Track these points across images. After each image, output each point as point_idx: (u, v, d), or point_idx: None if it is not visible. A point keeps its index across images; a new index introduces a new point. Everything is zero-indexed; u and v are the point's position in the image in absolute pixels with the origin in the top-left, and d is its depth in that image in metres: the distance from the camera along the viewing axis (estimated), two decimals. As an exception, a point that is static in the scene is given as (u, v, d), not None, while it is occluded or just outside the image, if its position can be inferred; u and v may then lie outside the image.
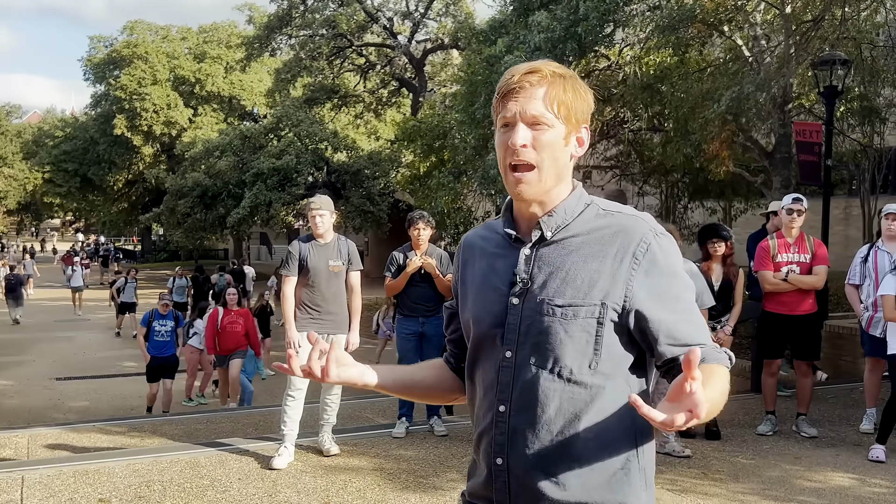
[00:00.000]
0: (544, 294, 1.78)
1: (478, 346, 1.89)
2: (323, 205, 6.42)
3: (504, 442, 1.80)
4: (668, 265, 1.78)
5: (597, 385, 1.76)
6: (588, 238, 1.80)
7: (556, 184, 1.81)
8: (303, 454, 6.34)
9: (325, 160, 30.85)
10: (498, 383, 1.82)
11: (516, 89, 1.78)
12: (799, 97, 15.07)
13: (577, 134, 1.84)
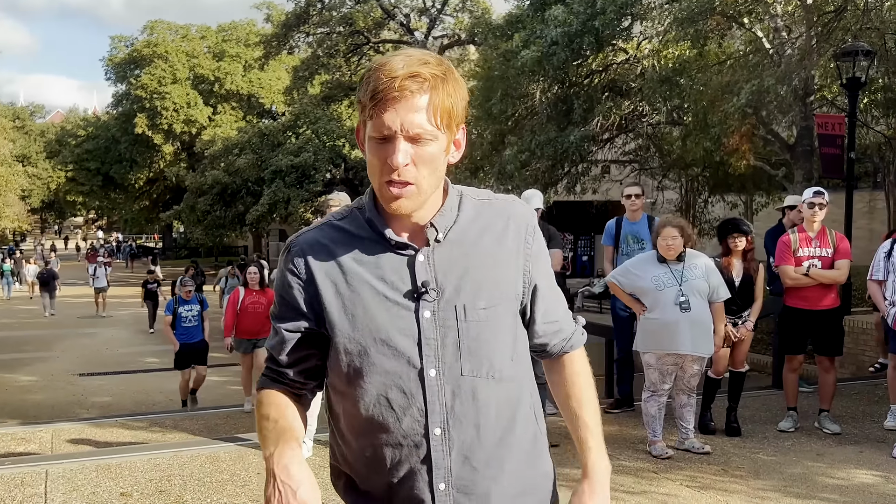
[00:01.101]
0: (462, 299, 1.67)
1: (379, 370, 1.67)
2: (341, 201, 6.41)
3: (448, 465, 1.67)
4: (544, 246, 1.82)
5: (518, 376, 1.76)
6: (481, 232, 1.73)
7: (433, 192, 1.68)
8: (321, 449, 6.33)
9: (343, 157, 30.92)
10: (427, 405, 1.66)
11: (396, 97, 1.57)
12: (821, 89, 14.93)
13: (455, 137, 1.69)
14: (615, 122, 16.62)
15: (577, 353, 1.90)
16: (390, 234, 1.68)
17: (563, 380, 1.89)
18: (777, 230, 8.63)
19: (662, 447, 6.23)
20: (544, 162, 16.41)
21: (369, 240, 1.70)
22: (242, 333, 9.24)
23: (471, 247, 1.71)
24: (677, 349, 6.09)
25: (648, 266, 6.25)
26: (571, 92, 16.94)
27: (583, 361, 1.90)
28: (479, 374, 1.68)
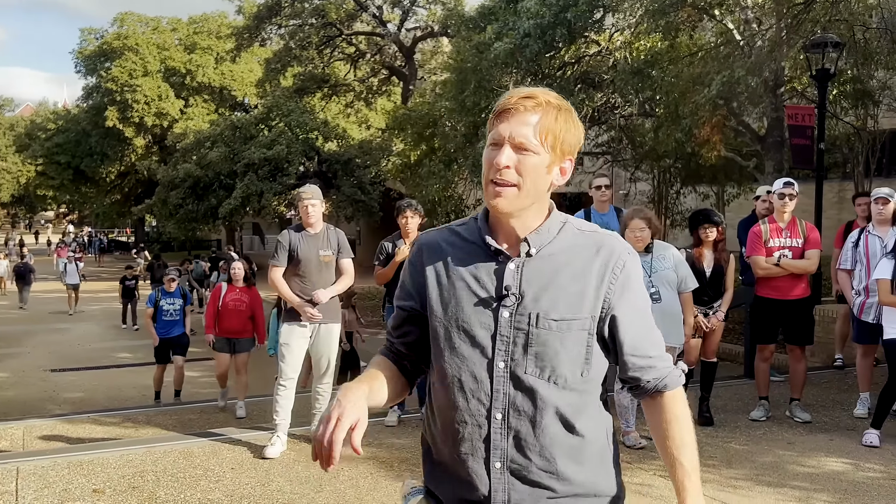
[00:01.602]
0: (538, 308, 1.87)
1: (461, 355, 1.92)
2: (314, 194, 6.39)
3: (504, 447, 1.89)
4: (637, 282, 1.95)
5: (587, 391, 1.93)
6: (572, 255, 1.92)
7: (532, 204, 1.91)
8: (295, 443, 6.33)
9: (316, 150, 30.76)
10: (493, 392, 1.89)
11: (511, 111, 1.87)
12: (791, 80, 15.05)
13: (560, 164, 1.92)
14: (588, 114, 16.66)
15: (674, 394, 1.99)
16: (490, 242, 1.93)
17: (661, 422, 1.99)
18: (750, 220, 8.70)
19: (636, 437, 6.27)
20: (519, 154, 16.40)
21: (475, 245, 1.97)
22: (222, 332, 8.68)
23: (558, 266, 1.91)
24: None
25: None
26: (544, 84, 16.92)
27: (682, 405, 1.99)
28: (542, 376, 1.88)
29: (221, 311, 8.66)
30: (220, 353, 8.71)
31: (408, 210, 6.98)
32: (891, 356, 6.40)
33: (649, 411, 2.02)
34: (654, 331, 1.99)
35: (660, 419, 1.99)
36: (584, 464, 1.93)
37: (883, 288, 6.30)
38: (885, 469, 5.70)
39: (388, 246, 7.04)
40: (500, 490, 1.90)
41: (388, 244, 7.05)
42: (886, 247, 6.81)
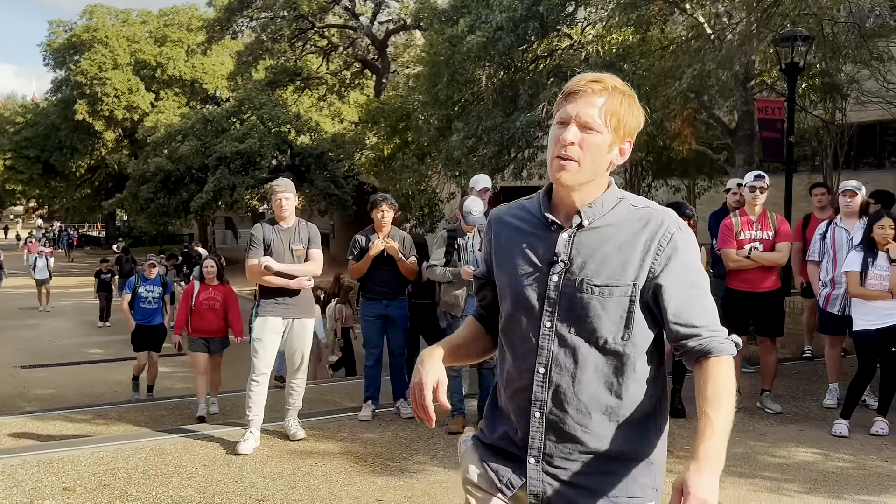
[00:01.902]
0: (583, 274, 2.04)
1: (515, 314, 2.14)
2: (288, 188, 6.35)
3: (544, 399, 2.07)
4: (686, 255, 2.06)
5: (628, 354, 2.05)
6: (621, 227, 2.07)
7: (592, 180, 2.07)
8: (269, 439, 6.30)
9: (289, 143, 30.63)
10: (538, 348, 2.08)
11: (579, 93, 2.03)
12: (761, 74, 15.16)
13: (620, 145, 2.08)
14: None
15: (718, 360, 2.03)
16: (548, 215, 2.13)
17: (701, 381, 2.03)
18: (722, 213, 8.77)
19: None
20: (491, 147, 16.43)
21: (536, 217, 2.16)
22: (195, 332, 8.27)
23: (607, 237, 2.06)
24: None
25: None
26: (517, 77, 16.97)
27: (723, 370, 2.02)
28: (583, 336, 2.04)
29: (195, 310, 8.30)
30: (197, 353, 8.25)
31: (382, 204, 6.97)
32: (859, 347, 6.49)
33: (696, 377, 2.06)
34: (701, 301, 2.07)
35: (699, 381, 2.03)
36: (621, 425, 2.06)
37: (852, 280, 6.38)
38: (855, 458, 5.77)
39: (361, 240, 7.02)
40: (536, 437, 2.09)
41: (361, 238, 7.03)
42: (853, 239, 6.89)
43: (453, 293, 6.55)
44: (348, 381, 9.90)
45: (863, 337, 6.40)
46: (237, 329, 8.40)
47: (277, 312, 6.23)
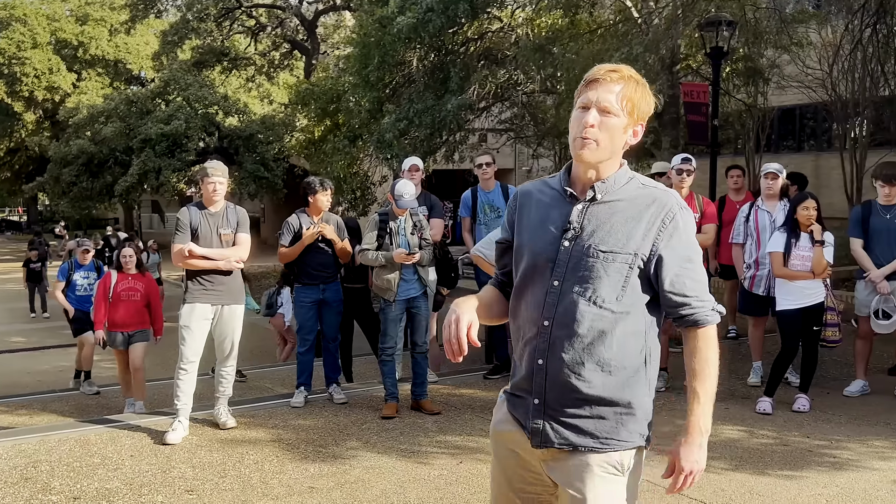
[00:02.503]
0: (591, 241, 2.32)
1: (529, 274, 2.41)
2: (222, 172, 6.21)
3: (546, 348, 2.34)
4: (685, 233, 2.35)
5: (620, 312, 2.31)
6: (629, 203, 2.34)
7: (609, 158, 2.34)
8: (198, 428, 6.20)
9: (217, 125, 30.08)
10: (545, 304, 2.35)
11: (599, 81, 2.31)
12: (686, 58, 15.41)
13: (634, 127, 2.36)
14: (491, 91, 16.74)
15: (703, 331, 2.37)
16: (566, 188, 2.40)
17: (686, 351, 2.39)
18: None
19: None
20: (423, 130, 16.38)
21: (556, 191, 2.44)
22: (115, 326, 7.71)
23: (616, 210, 2.34)
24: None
25: None
26: (448, 60, 16.93)
27: (708, 342, 2.37)
28: (584, 295, 2.31)
29: (113, 302, 7.69)
30: (118, 349, 7.79)
31: (319, 188, 6.88)
32: (782, 326, 6.66)
33: (685, 345, 2.41)
34: (693, 274, 2.35)
35: (687, 351, 2.39)
36: (612, 375, 2.31)
37: (776, 261, 6.54)
38: (778, 435, 5.94)
39: (294, 224, 6.92)
40: (538, 382, 2.36)
41: (293, 221, 6.93)
42: (775, 221, 7.05)
43: (385, 277, 6.51)
44: (280, 368, 9.80)
45: (786, 316, 6.56)
46: (157, 326, 7.83)
47: (206, 299, 6.11)
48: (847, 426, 6.18)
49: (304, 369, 7.00)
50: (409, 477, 5.07)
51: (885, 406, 6.72)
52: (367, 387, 7.62)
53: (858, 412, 6.54)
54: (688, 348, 2.38)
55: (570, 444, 2.34)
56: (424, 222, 6.77)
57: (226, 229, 6.17)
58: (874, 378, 7.29)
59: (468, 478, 5.04)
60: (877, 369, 7.59)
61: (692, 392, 2.34)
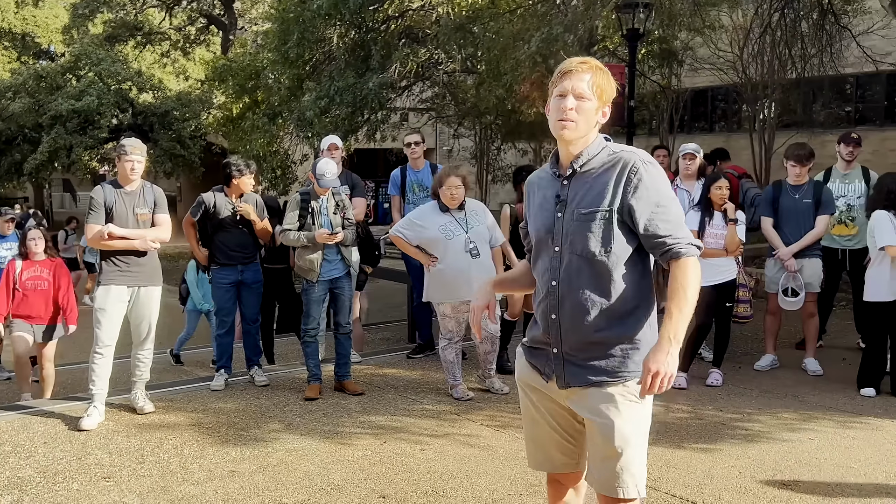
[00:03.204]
0: (574, 206, 2.75)
1: (538, 246, 2.89)
2: (140, 150, 6.03)
3: (556, 304, 2.78)
4: (652, 184, 2.69)
5: (611, 262, 2.71)
6: (600, 168, 2.75)
7: (585, 135, 2.76)
8: (114, 413, 6.07)
9: (130, 101, 29.20)
10: (550, 268, 2.80)
11: (572, 72, 2.73)
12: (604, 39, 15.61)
13: (603, 109, 2.78)
14: (412, 70, 16.67)
15: (681, 261, 2.71)
16: (556, 169, 2.86)
17: (670, 276, 2.72)
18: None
19: (463, 390, 6.42)
20: (344, 109, 16.24)
21: (551, 173, 2.88)
22: (21, 317, 7.24)
23: (592, 176, 2.76)
24: (472, 296, 6.25)
25: (433, 216, 6.35)
26: (369, 38, 16.78)
27: (683, 268, 2.71)
28: (577, 252, 2.74)
29: (19, 292, 7.19)
30: (19, 334, 7.22)
31: (245, 170, 6.75)
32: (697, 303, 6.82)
33: (670, 275, 2.73)
34: (663, 216, 2.70)
35: (669, 279, 2.72)
36: (613, 318, 2.72)
37: (691, 239, 6.69)
38: (693, 409, 6.11)
39: (209, 200, 6.78)
40: (554, 334, 2.80)
41: (209, 198, 6.80)
42: (693, 200, 7.23)
43: (308, 257, 6.45)
44: (198, 350, 9.65)
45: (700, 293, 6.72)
46: (70, 316, 7.33)
47: (122, 280, 5.95)
48: (758, 399, 6.40)
49: (224, 352, 6.90)
50: (333, 458, 5.07)
51: (794, 379, 6.98)
52: (289, 368, 7.57)
53: (768, 385, 6.78)
54: (669, 277, 2.73)
55: (587, 382, 2.75)
56: (347, 202, 6.73)
57: (142, 209, 6.02)
58: (783, 352, 7.55)
59: (392, 457, 5.06)
60: (785, 344, 7.86)
61: (667, 311, 2.68)
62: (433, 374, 7.11)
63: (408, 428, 5.67)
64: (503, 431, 5.58)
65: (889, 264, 6.34)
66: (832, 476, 4.78)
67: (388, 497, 4.46)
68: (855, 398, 6.41)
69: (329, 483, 4.66)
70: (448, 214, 6.31)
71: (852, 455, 5.13)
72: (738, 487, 4.58)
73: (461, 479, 4.70)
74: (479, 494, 4.48)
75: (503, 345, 7.21)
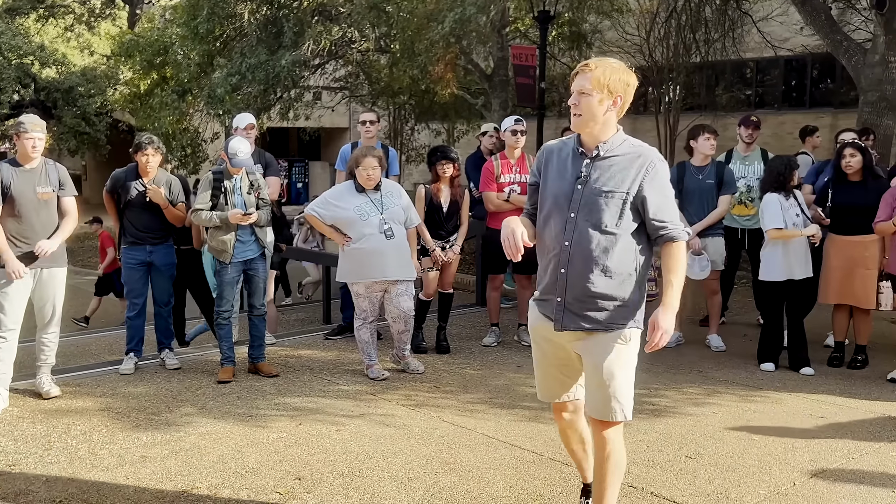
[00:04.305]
0: (597, 184, 3.30)
1: (553, 209, 3.39)
2: (40, 128, 5.83)
3: (567, 260, 3.33)
4: (662, 177, 3.32)
5: (618, 234, 3.30)
6: (623, 158, 3.32)
7: (595, 125, 3.31)
8: (19, 399, 5.90)
9: (32, 76, 28.11)
10: (565, 230, 3.33)
11: (579, 73, 3.30)
12: (515, 21, 15.73)
13: (610, 99, 3.27)
14: (326, 48, 16.48)
15: (676, 244, 3.35)
16: (581, 148, 3.39)
17: (665, 257, 3.36)
18: (476, 157, 9.11)
19: (379, 370, 6.46)
20: (256, 86, 15.99)
21: (573, 149, 3.42)
22: None
23: (615, 163, 3.32)
24: (385, 276, 6.29)
25: (349, 196, 6.35)
26: (281, 14, 16.52)
27: (678, 249, 3.36)
28: (590, 222, 3.29)
29: None
30: None
31: (149, 147, 6.58)
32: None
33: (663, 255, 3.38)
34: (668, 206, 3.34)
35: (665, 257, 3.36)
36: (611, 279, 3.30)
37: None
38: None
39: (121, 176, 6.63)
40: (560, 286, 3.36)
41: (122, 175, 6.64)
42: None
43: (221, 238, 6.35)
44: (108, 334, 9.44)
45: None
46: None
47: (23, 262, 5.76)
48: (664, 375, 6.61)
49: (135, 335, 6.77)
50: (247, 441, 5.05)
51: (698, 355, 7.23)
52: (202, 351, 7.47)
53: (674, 361, 7.00)
54: (666, 255, 3.36)
55: (582, 328, 3.35)
56: (262, 181, 6.65)
57: (45, 187, 5.83)
58: (688, 329, 7.80)
59: (308, 439, 5.07)
60: (689, 321, 8.11)
61: (668, 282, 3.33)
62: (349, 355, 7.12)
63: (323, 409, 5.69)
64: (418, 410, 5.65)
65: (782, 245, 6.62)
66: (735, 448, 4.99)
67: (304, 479, 4.47)
68: (755, 373, 6.69)
69: (243, 466, 4.65)
70: (364, 195, 6.31)
71: (753, 427, 5.37)
72: (646, 461, 4.75)
73: (377, 459, 4.74)
74: (394, 474, 4.53)
75: (418, 324, 7.28)
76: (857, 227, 6.67)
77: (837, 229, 6.83)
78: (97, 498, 4.22)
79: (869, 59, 10.77)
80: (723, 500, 4.23)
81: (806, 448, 4.99)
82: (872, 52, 10.77)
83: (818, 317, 7.58)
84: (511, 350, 7.37)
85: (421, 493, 4.26)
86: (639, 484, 4.42)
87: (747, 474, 4.58)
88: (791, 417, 5.59)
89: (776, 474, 4.58)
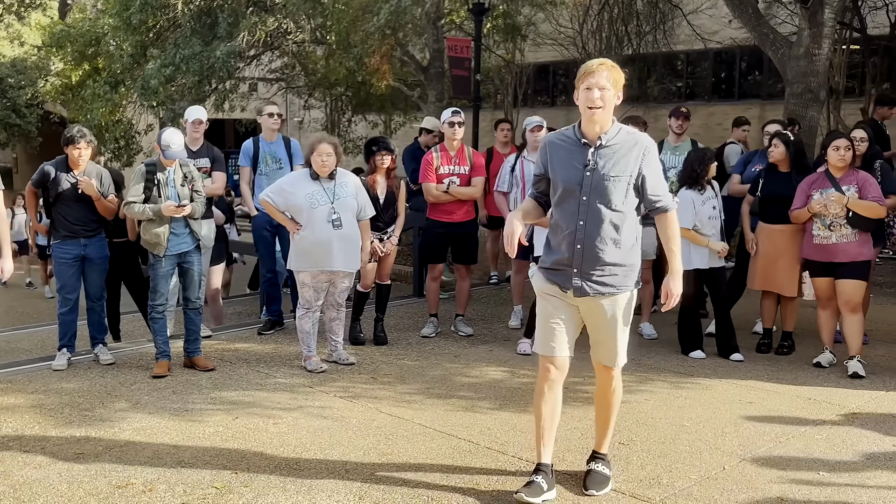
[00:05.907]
0: (604, 171, 3.85)
1: (565, 194, 3.93)
2: None
3: (583, 237, 3.88)
4: (655, 159, 3.96)
5: (625, 212, 3.90)
6: (622, 145, 3.88)
7: (608, 117, 3.86)
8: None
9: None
10: (578, 212, 3.88)
11: (595, 71, 3.82)
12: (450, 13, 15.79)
13: (617, 94, 3.86)
14: (261, 39, 16.33)
15: (670, 214, 4.00)
16: (581, 139, 3.92)
17: (663, 228, 4.03)
18: (414, 148, 9.15)
19: (317, 362, 6.46)
20: (190, 77, 15.78)
21: (574, 141, 3.96)
22: None
23: (616, 150, 3.88)
24: (331, 266, 6.31)
25: (302, 183, 6.34)
26: (215, 4, 16.33)
27: (672, 218, 4.02)
28: (602, 203, 3.86)
29: None
30: None
31: (81, 141, 6.46)
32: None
33: (659, 223, 4.03)
34: (661, 183, 3.98)
35: (662, 228, 4.02)
36: (620, 249, 3.90)
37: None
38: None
39: (50, 171, 6.51)
40: (577, 258, 3.91)
41: (50, 170, 6.52)
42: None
43: (154, 231, 6.28)
44: (38, 329, 9.25)
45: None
46: None
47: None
48: (597, 362, 6.72)
49: (67, 330, 6.66)
50: (183, 436, 5.02)
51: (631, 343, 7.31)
52: (136, 346, 7.38)
53: (607, 349, 7.12)
54: (663, 225, 4.00)
55: (598, 293, 3.94)
56: (196, 173, 6.59)
57: (-29, 183, 5.70)
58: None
59: (244, 433, 5.06)
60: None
61: (669, 250, 4.02)
62: (286, 348, 7.11)
63: (260, 402, 5.67)
64: (356, 402, 5.67)
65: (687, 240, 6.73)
66: (666, 434, 5.12)
67: (241, 472, 4.45)
68: (686, 360, 6.86)
69: (179, 461, 4.62)
70: (317, 183, 6.30)
71: (684, 414, 5.51)
72: (580, 448, 4.83)
73: (315, 452, 4.75)
74: (332, 466, 4.55)
75: (356, 316, 7.29)
76: (783, 216, 6.83)
77: (766, 218, 7.02)
78: (29, 496, 4.17)
79: (794, 52, 11.08)
80: (654, 486, 4.34)
81: (735, 433, 5.13)
82: (798, 44, 11.08)
83: (747, 304, 7.79)
84: (448, 340, 7.44)
85: (359, 485, 4.29)
86: (573, 470, 4.51)
87: (678, 459, 4.70)
88: (721, 403, 5.74)
89: (707, 459, 4.71)
